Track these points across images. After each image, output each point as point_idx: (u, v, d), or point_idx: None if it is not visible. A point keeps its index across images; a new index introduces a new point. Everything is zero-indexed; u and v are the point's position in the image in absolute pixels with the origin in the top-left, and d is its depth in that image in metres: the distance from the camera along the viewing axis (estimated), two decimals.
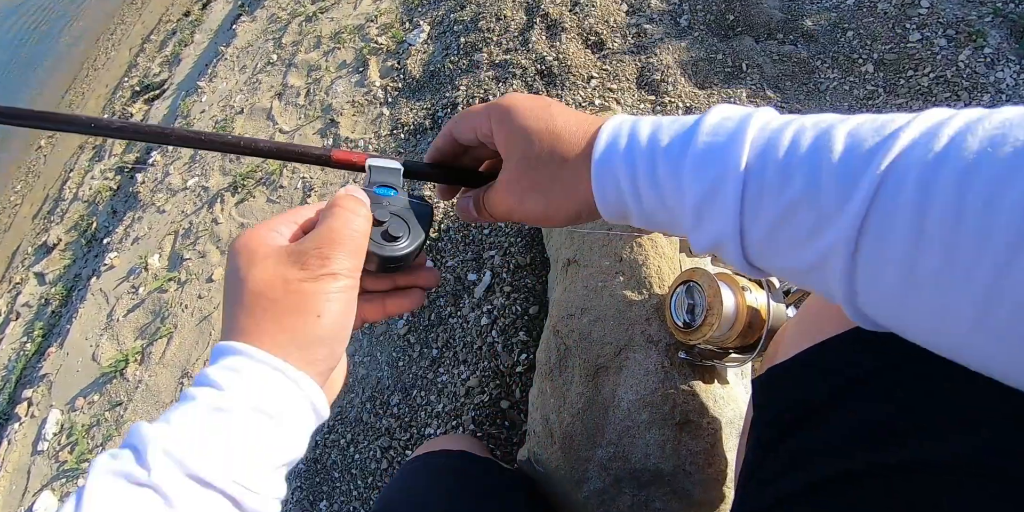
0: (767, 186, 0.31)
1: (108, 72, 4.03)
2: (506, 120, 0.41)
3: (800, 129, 0.32)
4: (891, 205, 0.27)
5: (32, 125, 0.44)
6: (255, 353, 0.34)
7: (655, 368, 0.66)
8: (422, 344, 1.19)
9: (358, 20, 2.14)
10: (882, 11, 1.36)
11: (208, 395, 0.33)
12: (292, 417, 0.35)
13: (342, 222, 0.39)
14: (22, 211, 3.68)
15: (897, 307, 0.28)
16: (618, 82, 1.41)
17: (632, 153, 0.37)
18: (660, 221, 0.38)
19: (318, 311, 0.36)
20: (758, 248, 0.33)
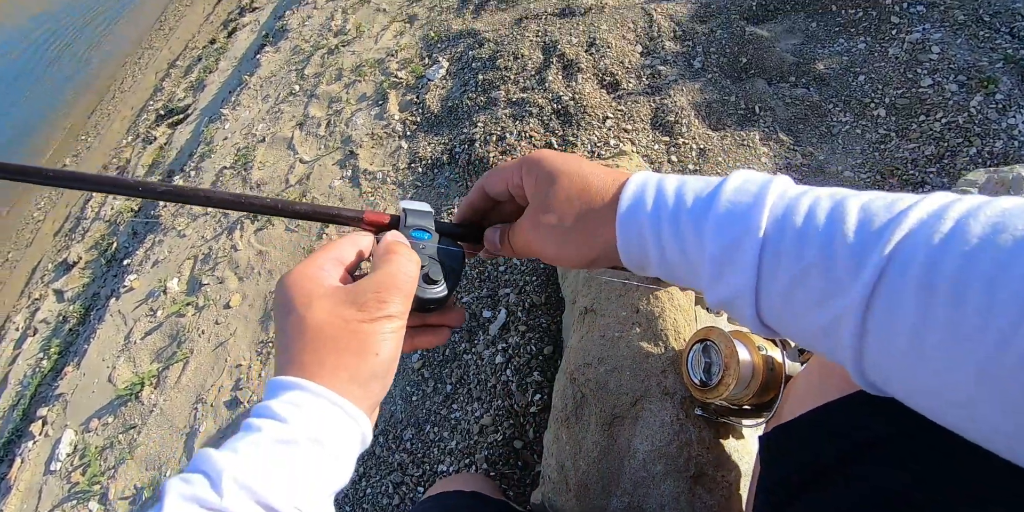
0: (784, 250, 0.34)
1: (134, 95, 4.15)
2: (536, 167, 0.45)
3: (816, 199, 0.34)
4: (899, 281, 0.29)
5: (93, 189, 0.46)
6: (317, 389, 0.37)
7: (671, 420, 0.67)
8: (436, 379, 1.21)
9: (379, 54, 2.21)
10: (893, 56, 1.39)
11: (273, 427, 0.35)
12: (346, 448, 0.37)
13: (399, 269, 0.42)
14: (44, 228, 3.76)
15: (902, 376, 0.30)
16: (633, 122, 1.44)
17: (658, 207, 0.39)
18: (679, 273, 0.40)
19: (376, 350, 0.39)
20: (772, 308, 0.35)
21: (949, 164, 1.19)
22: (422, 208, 0.48)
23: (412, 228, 0.46)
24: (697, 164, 1.34)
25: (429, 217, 0.47)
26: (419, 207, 0.48)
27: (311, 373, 0.38)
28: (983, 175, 0.94)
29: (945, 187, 1.17)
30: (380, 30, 2.37)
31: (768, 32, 1.53)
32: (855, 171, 1.25)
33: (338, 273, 0.43)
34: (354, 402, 0.38)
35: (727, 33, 1.55)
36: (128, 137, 3.70)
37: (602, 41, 1.64)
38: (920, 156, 1.23)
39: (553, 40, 1.71)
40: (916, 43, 1.38)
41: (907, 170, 1.22)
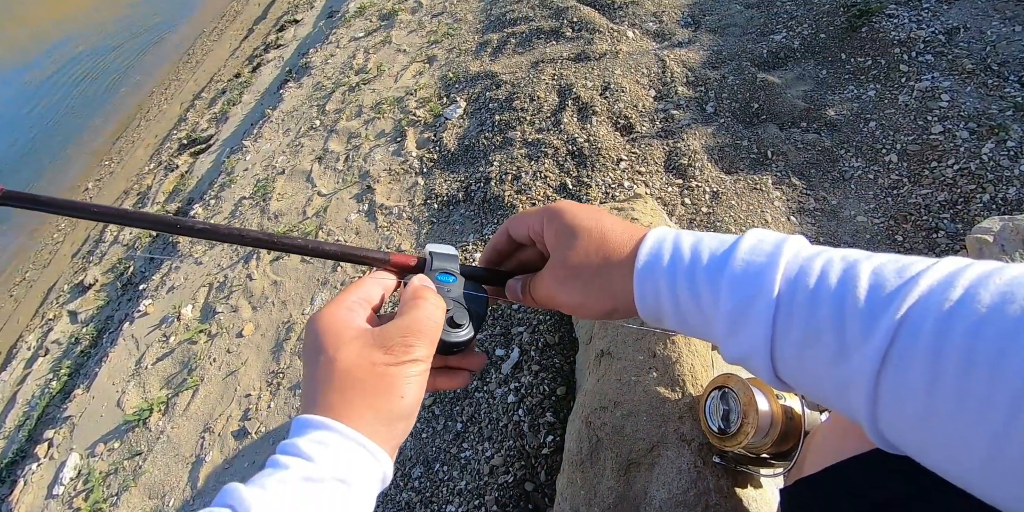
0: (796, 310, 0.35)
1: (158, 124, 4.28)
2: (556, 218, 0.46)
3: (828, 261, 0.36)
4: (909, 347, 0.30)
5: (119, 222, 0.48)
6: (344, 430, 0.38)
7: (688, 467, 0.67)
8: (447, 416, 1.20)
9: (398, 92, 2.28)
10: (903, 103, 1.42)
11: (300, 465, 0.36)
12: (369, 488, 0.38)
13: (425, 314, 0.43)
14: (63, 249, 3.82)
15: (915, 438, 0.31)
16: (646, 165, 1.47)
17: (674, 263, 0.40)
18: (694, 327, 0.41)
19: (402, 392, 0.40)
20: (786, 365, 0.36)
21: (963, 210, 1.20)
22: (448, 251, 0.49)
23: (438, 271, 0.48)
24: (710, 207, 1.36)
25: (455, 260, 0.49)
26: (445, 251, 0.49)
27: (338, 413, 0.39)
28: (998, 223, 0.95)
29: (959, 233, 1.18)
30: (400, 70, 2.45)
31: (779, 78, 1.57)
32: (868, 216, 1.27)
33: (366, 314, 0.45)
34: (378, 443, 0.39)
35: (739, 79, 1.59)
36: (151, 164, 3.79)
37: (616, 85, 1.69)
38: (933, 202, 1.24)
39: (568, 83, 1.77)
40: (926, 91, 1.41)
41: (920, 216, 1.23)
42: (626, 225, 0.46)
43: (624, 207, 1.04)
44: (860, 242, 1.23)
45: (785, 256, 0.37)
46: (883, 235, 1.23)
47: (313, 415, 0.39)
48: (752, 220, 1.31)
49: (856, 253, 0.36)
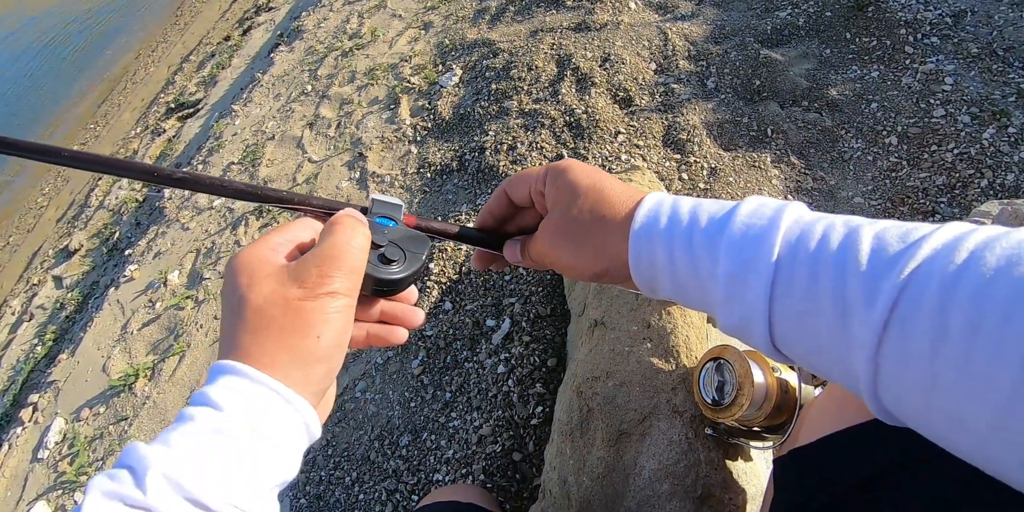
0: (796, 275, 0.34)
1: (145, 87, 4.16)
2: (560, 177, 0.45)
3: (830, 225, 0.34)
4: (913, 310, 0.29)
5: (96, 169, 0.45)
6: (255, 374, 0.35)
7: (679, 439, 0.67)
8: (435, 386, 1.20)
9: (392, 59, 2.22)
10: (906, 85, 1.40)
11: (207, 416, 0.33)
12: (288, 439, 0.35)
13: (343, 239, 0.40)
14: (47, 213, 3.75)
15: (917, 406, 0.30)
16: (644, 139, 1.45)
17: (672, 226, 0.39)
18: (690, 293, 0.40)
19: (318, 331, 0.37)
20: (784, 334, 0.35)
21: (960, 195, 1.20)
22: (392, 201, 0.47)
23: (377, 216, 0.46)
24: (708, 183, 1.34)
25: (398, 209, 0.47)
26: (389, 200, 0.47)
27: (251, 357, 0.36)
28: (996, 206, 0.94)
29: (956, 217, 1.17)
30: (395, 35, 2.39)
31: (782, 56, 1.54)
32: (866, 197, 1.26)
33: (286, 251, 0.41)
34: (295, 388, 0.36)
35: (741, 55, 1.56)
36: (137, 128, 3.70)
37: (617, 57, 1.66)
38: (931, 185, 1.23)
39: (568, 53, 1.73)
40: (929, 74, 1.39)
41: (918, 199, 1.22)
42: (625, 186, 0.45)
43: (622, 177, 1.03)
44: None
45: (786, 220, 0.36)
46: (880, 217, 1.22)
47: (225, 360, 0.36)
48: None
49: (858, 219, 0.35)
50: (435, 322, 1.30)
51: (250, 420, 0.34)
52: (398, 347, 1.30)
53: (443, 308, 1.32)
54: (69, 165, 0.45)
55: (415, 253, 0.45)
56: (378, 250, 0.43)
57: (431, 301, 1.34)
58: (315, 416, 0.37)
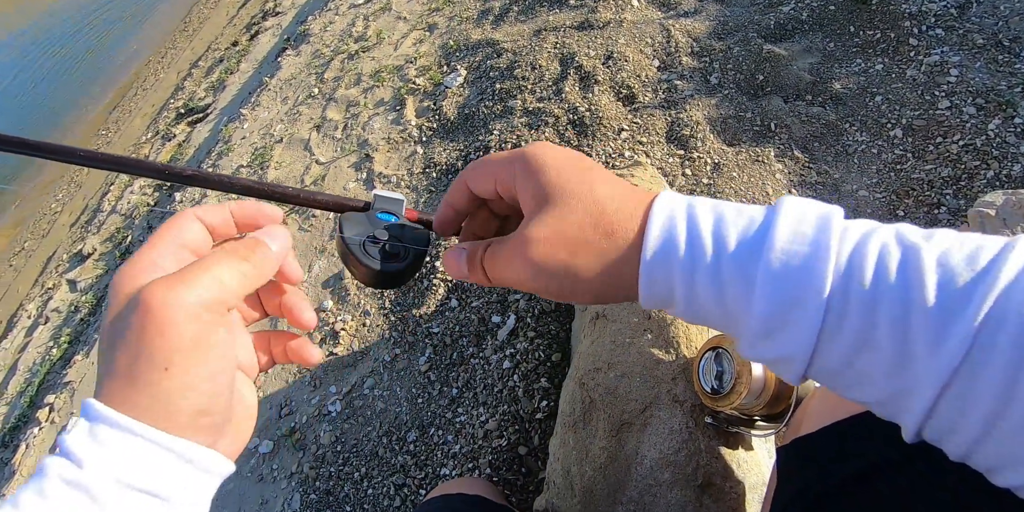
0: (850, 313, 0.29)
1: (155, 93, 4.22)
2: (535, 174, 0.37)
3: (884, 247, 0.30)
4: (986, 359, 0.26)
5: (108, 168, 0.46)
6: (114, 417, 0.29)
7: (680, 428, 0.67)
8: (442, 382, 1.21)
9: (398, 61, 2.24)
10: (910, 78, 1.40)
11: (61, 468, 0.28)
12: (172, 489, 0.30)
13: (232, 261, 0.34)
14: (61, 219, 3.81)
15: (966, 446, 0.28)
16: (648, 135, 1.45)
17: (693, 251, 0.33)
18: (709, 321, 0.35)
19: (164, 363, 0.30)
20: (825, 372, 0.31)
21: (966, 186, 1.19)
22: (394, 196, 0.48)
23: (379, 211, 0.47)
24: (711, 178, 1.35)
25: (400, 204, 0.48)
26: (391, 195, 0.48)
27: (107, 389, 0.30)
28: (1001, 197, 0.94)
29: (961, 210, 1.17)
30: (400, 37, 2.41)
31: (785, 51, 1.54)
32: (870, 191, 1.26)
33: (178, 259, 0.35)
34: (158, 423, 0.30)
35: (744, 50, 1.56)
36: (148, 134, 3.75)
37: (620, 54, 1.66)
38: (936, 178, 1.23)
39: (571, 52, 1.73)
40: (934, 65, 1.38)
41: (923, 191, 1.22)
42: (623, 188, 0.37)
43: (624, 174, 1.03)
44: (861, 217, 1.22)
45: (833, 243, 0.30)
46: (885, 210, 1.22)
47: (89, 399, 0.30)
48: (753, 192, 1.30)
49: (910, 232, 0.30)
50: (441, 319, 1.31)
51: (112, 471, 0.28)
52: (405, 344, 1.32)
53: (449, 305, 1.33)
54: (86, 164, 0.46)
55: (416, 247, 0.46)
56: (379, 244, 0.44)
57: (437, 299, 1.36)
58: (196, 450, 0.31)
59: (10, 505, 0.27)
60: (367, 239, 0.45)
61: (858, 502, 0.45)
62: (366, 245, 0.45)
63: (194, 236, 0.36)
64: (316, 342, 1.46)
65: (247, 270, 0.34)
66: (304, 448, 1.28)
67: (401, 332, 1.35)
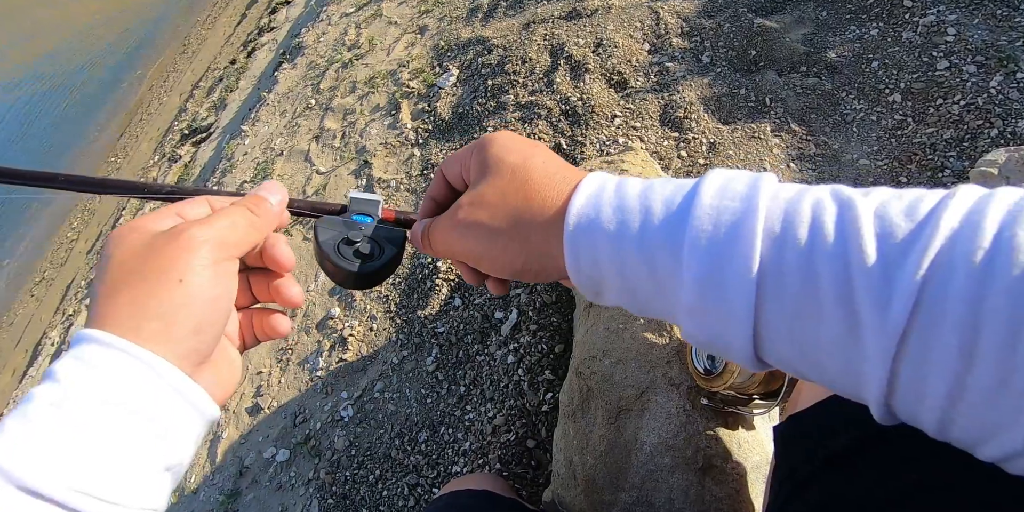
0: (787, 273, 0.27)
1: (160, 116, 4.29)
2: (482, 149, 0.39)
3: (818, 203, 0.28)
4: (937, 314, 0.24)
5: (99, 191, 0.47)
6: (102, 337, 0.30)
7: (677, 411, 0.66)
8: (450, 381, 1.21)
9: (391, 66, 2.24)
10: (907, 40, 1.36)
11: (47, 392, 0.28)
12: (153, 409, 0.30)
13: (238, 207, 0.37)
14: (77, 247, 3.90)
15: (937, 417, 0.26)
16: (641, 120, 1.43)
17: (620, 221, 0.31)
18: (646, 303, 0.33)
19: (180, 275, 0.32)
20: (774, 343, 0.29)
21: (969, 147, 1.15)
22: (370, 198, 0.48)
23: (355, 213, 0.47)
24: (707, 158, 1.32)
25: (376, 205, 0.48)
26: (367, 197, 0.48)
27: (104, 316, 0.31)
28: (1003, 155, 0.90)
29: (965, 172, 1.13)
30: (392, 42, 2.41)
31: (777, 23, 1.51)
32: (871, 159, 1.22)
33: (173, 224, 0.36)
34: (152, 342, 0.30)
35: (735, 26, 1.53)
36: (155, 157, 3.82)
37: (609, 41, 1.64)
38: (939, 140, 1.19)
39: (560, 42, 1.72)
40: (931, 26, 1.34)
41: (925, 155, 1.18)
42: (561, 165, 0.37)
43: (614, 160, 1.02)
44: (862, 186, 1.19)
45: (763, 199, 0.28)
46: (887, 177, 1.19)
47: (78, 330, 0.33)
48: (750, 169, 1.27)
49: (845, 189, 0.29)
50: (446, 319, 1.31)
51: (94, 389, 0.29)
52: (412, 346, 1.32)
53: (453, 304, 1.33)
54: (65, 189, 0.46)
55: (389, 245, 0.46)
56: (353, 246, 0.44)
57: (441, 299, 1.35)
58: (179, 375, 0.31)
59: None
60: (341, 241, 0.45)
61: (851, 476, 0.43)
62: (340, 247, 0.45)
63: (195, 211, 0.38)
64: (326, 349, 1.47)
65: (254, 221, 0.37)
66: (319, 454, 1.29)
67: (407, 334, 1.35)
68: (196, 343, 0.33)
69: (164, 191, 0.45)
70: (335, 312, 1.52)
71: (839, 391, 0.30)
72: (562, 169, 0.36)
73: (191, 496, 1.46)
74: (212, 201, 0.40)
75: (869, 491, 0.42)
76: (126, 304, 0.31)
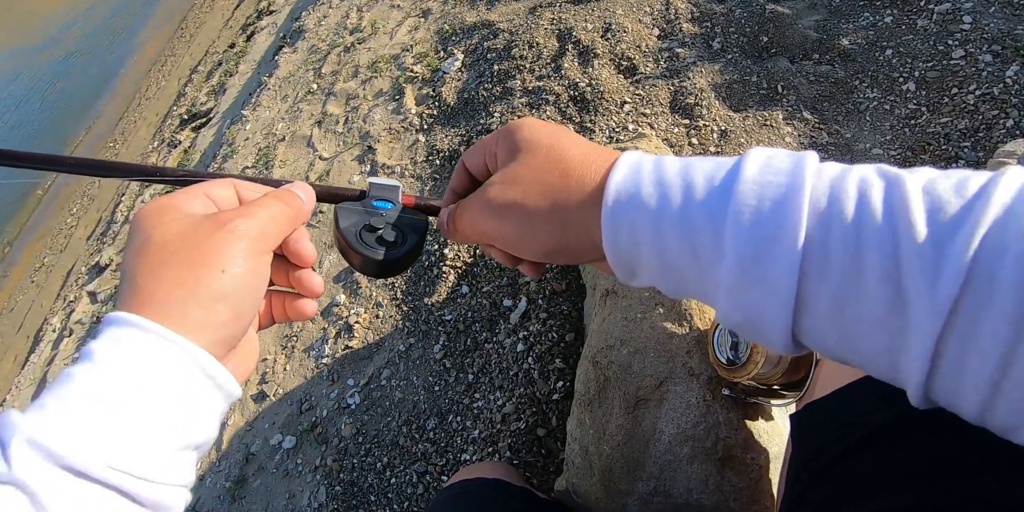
0: (833, 252, 0.27)
1: (158, 101, 4.24)
2: (511, 135, 0.38)
3: (864, 180, 0.28)
4: (987, 289, 0.23)
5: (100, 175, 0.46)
6: (139, 321, 0.31)
7: (697, 401, 0.65)
8: (458, 369, 1.20)
9: (394, 50, 2.21)
10: (922, 28, 1.34)
11: (85, 373, 0.29)
12: (186, 393, 0.31)
13: (279, 199, 0.38)
14: (77, 233, 3.87)
15: (981, 398, 0.25)
16: (651, 107, 1.42)
17: (659, 195, 0.31)
18: (683, 281, 0.32)
19: (223, 265, 0.33)
20: (813, 323, 0.28)
21: (984, 138, 1.14)
22: (389, 183, 0.47)
23: (375, 199, 0.46)
24: (718, 146, 1.31)
25: (395, 191, 0.47)
26: (386, 182, 0.47)
27: (142, 298, 0.32)
28: (1022, 145, 0.89)
29: (980, 162, 1.12)
30: (395, 26, 2.38)
31: (789, 9, 1.48)
32: (884, 148, 1.21)
33: (203, 205, 0.37)
34: (189, 330, 0.31)
35: (746, 12, 1.51)
36: (154, 142, 3.78)
37: (618, 26, 1.62)
38: (953, 130, 1.18)
39: (568, 27, 1.69)
40: (946, 14, 1.32)
41: (939, 145, 1.17)
42: (593, 145, 0.36)
43: (627, 146, 1.01)
44: None
45: (808, 177, 0.28)
46: (900, 167, 1.17)
47: (115, 312, 0.32)
48: None
49: (891, 168, 0.28)
50: (454, 306, 1.30)
51: (132, 372, 0.30)
52: (419, 333, 1.31)
53: (460, 292, 1.32)
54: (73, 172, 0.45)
55: (412, 233, 0.45)
56: (375, 233, 0.43)
57: (448, 286, 1.35)
58: (212, 361, 0.32)
59: (35, 409, 0.28)
60: (363, 228, 0.44)
61: (868, 464, 0.43)
62: (362, 234, 0.44)
63: (223, 194, 0.39)
64: (331, 337, 1.46)
65: (289, 214, 0.38)
66: (326, 441, 1.29)
67: (414, 321, 1.34)
68: (232, 330, 0.34)
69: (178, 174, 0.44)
70: (340, 299, 1.52)
71: (874, 373, 0.29)
72: (596, 148, 0.36)
73: (197, 482, 1.46)
74: (239, 185, 0.40)
75: (894, 475, 0.41)
76: (173, 288, 0.32)
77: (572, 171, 0.34)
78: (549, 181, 0.35)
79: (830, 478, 0.46)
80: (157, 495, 0.29)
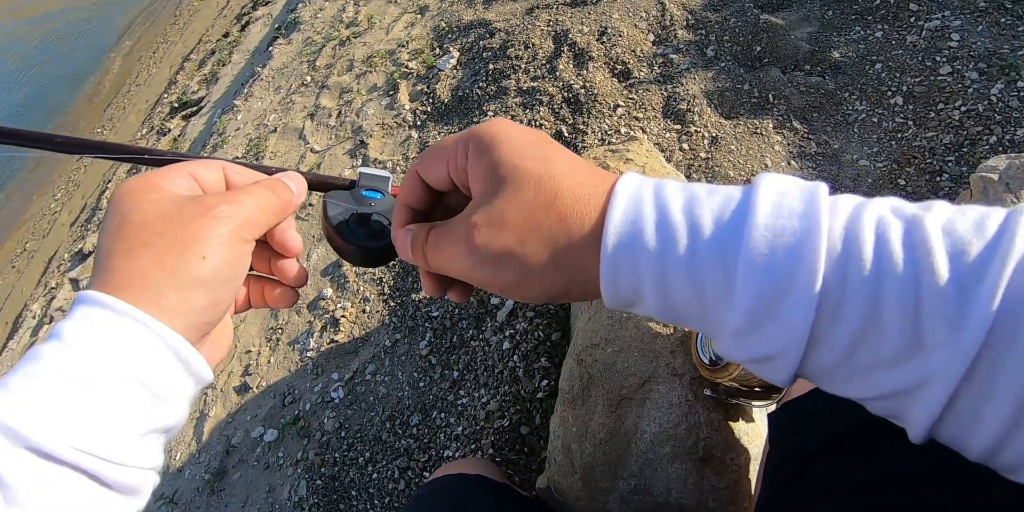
0: (850, 299, 0.26)
1: (149, 88, 4.19)
2: (487, 151, 0.32)
3: (881, 221, 0.26)
4: (1011, 338, 0.23)
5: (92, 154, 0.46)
6: (113, 303, 0.30)
7: (679, 401, 0.66)
8: (443, 366, 1.21)
9: (390, 45, 2.21)
10: (911, 43, 1.37)
11: (53, 353, 0.29)
12: (157, 376, 0.31)
13: (265, 189, 0.37)
14: (60, 218, 3.81)
15: (990, 439, 0.24)
16: (644, 111, 1.43)
17: (663, 239, 0.28)
18: (685, 319, 0.31)
19: (204, 251, 0.33)
20: (820, 368, 0.28)
21: (968, 153, 1.17)
22: (379, 174, 0.47)
23: (364, 188, 0.46)
24: (709, 152, 1.33)
25: (386, 181, 0.47)
26: (377, 173, 0.47)
27: (119, 280, 0.31)
28: (1004, 161, 0.92)
29: (963, 176, 1.15)
30: (391, 21, 2.37)
31: (783, 20, 1.51)
32: (871, 160, 1.23)
33: (187, 185, 0.36)
34: (166, 314, 0.31)
35: (741, 21, 1.53)
36: (143, 130, 3.73)
37: (614, 30, 1.63)
38: (938, 145, 1.20)
39: (564, 29, 1.70)
40: (935, 30, 1.35)
41: (924, 159, 1.20)
42: (583, 167, 0.32)
43: (619, 149, 1.02)
44: (861, 187, 1.20)
45: (823, 222, 0.26)
46: (886, 179, 1.20)
47: (88, 290, 0.31)
48: (752, 165, 1.28)
49: (905, 204, 0.27)
50: (441, 303, 1.30)
51: (102, 354, 0.29)
52: (406, 329, 1.31)
53: None
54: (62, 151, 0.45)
55: None
56: (364, 222, 0.43)
57: None
58: (186, 345, 0.32)
59: (1, 388, 0.28)
60: (352, 217, 0.44)
61: (843, 463, 0.44)
62: (350, 223, 0.44)
63: (210, 177, 0.38)
64: (317, 330, 1.46)
65: (278, 204, 0.38)
66: (309, 435, 1.29)
67: (401, 317, 1.34)
68: (208, 316, 0.34)
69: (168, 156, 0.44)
70: (327, 293, 1.51)
71: (874, 409, 0.29)
72: (587, 171, 0.32)
73: (176, 473, 1.45)
74: (228, 169, 0.40)
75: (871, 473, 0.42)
76: (151, 270, 0.32)
77: (569, 211, 0.30)
78: (547, 227, 0.31)
79: (804, 478, 0.47)
80: (124, 477, 0.29)
